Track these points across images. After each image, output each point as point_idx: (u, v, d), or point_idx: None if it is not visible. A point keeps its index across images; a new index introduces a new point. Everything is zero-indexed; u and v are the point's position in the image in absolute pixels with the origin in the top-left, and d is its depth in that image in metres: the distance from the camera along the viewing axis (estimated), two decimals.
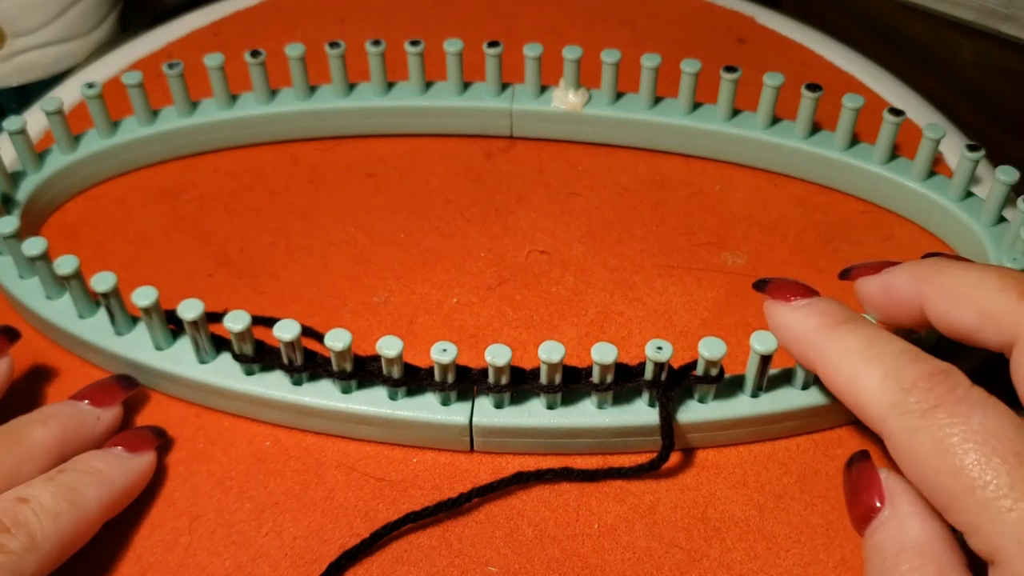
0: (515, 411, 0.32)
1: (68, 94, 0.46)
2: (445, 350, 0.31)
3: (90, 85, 0.41)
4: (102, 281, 0.32)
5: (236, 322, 0.31)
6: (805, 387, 0.32)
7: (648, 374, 0.31)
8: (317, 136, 0.45)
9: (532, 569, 0.30)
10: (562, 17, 0.53)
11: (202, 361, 0.33)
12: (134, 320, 0.34)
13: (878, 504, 0.26)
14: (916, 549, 0.25)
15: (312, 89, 0.44)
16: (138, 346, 0.34)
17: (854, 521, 0.27)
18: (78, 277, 0.33)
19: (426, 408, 0.32)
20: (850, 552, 0.31)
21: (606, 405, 0.32)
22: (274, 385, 0.33)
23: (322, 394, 0.32)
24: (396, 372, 0.32)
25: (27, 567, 0.26)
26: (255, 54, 0.42)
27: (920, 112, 0.46)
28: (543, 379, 0.31)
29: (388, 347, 0.31)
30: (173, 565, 0.30)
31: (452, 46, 0.43)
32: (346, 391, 0.32)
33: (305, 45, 0.43)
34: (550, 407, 0.32)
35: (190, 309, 0.31)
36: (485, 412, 0.32)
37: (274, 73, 0.44)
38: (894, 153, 0.41)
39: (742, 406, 0.32)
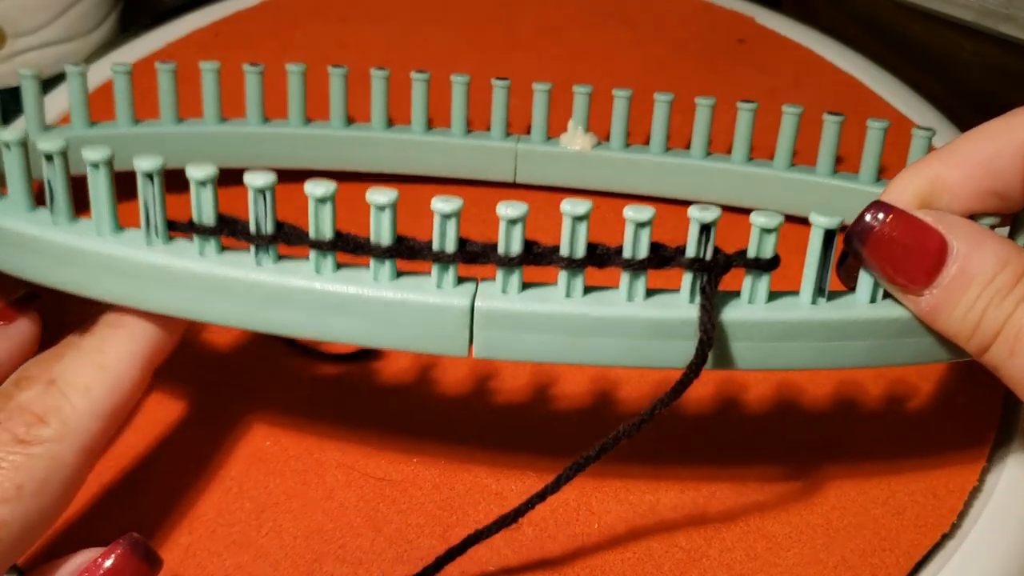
0: (527, 296, 0.26)
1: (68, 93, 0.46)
2: (448, 200, 0.25)
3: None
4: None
5: (200, 171, 0.25)
6: (873, 299, 0.26)
7: (691, 247, 0.25)
8: (304, 166, 0.42)
9: (532, 569, 0.30)
10: (562, 17, 0.53)
11: (149, 243, 0.27)
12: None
13: (944, 240, 0.24)
14: (1015, 253, 0.23)
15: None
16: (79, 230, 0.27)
17: (918, 278, 0.25)
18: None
19: (418, 289, 0.26)
20: (850, 552, 0.31)
21: (637, 294, 0.26)
22: (234, 263, 0.26)
23: (292, 273, 0.26)
24: (386, 237, 0.26)
25: (67, 453, 0.25)
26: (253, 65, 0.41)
27: (920, 112, 0.46)
28: (565, 241, 0.25)
29: (379, 196, 0.25)
30: (173, 565, 0.30)
31: (460, 79, 0.41)
32: (320, 269, 0.26)
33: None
34: (569, 295, 0.26)
35: (146, 160, 0.26)
36: (491, 295, 0.26)
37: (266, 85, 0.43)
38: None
39: (799, 310, 0.26)
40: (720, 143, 0.43)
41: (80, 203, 0.27)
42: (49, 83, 0.51)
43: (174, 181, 0.28)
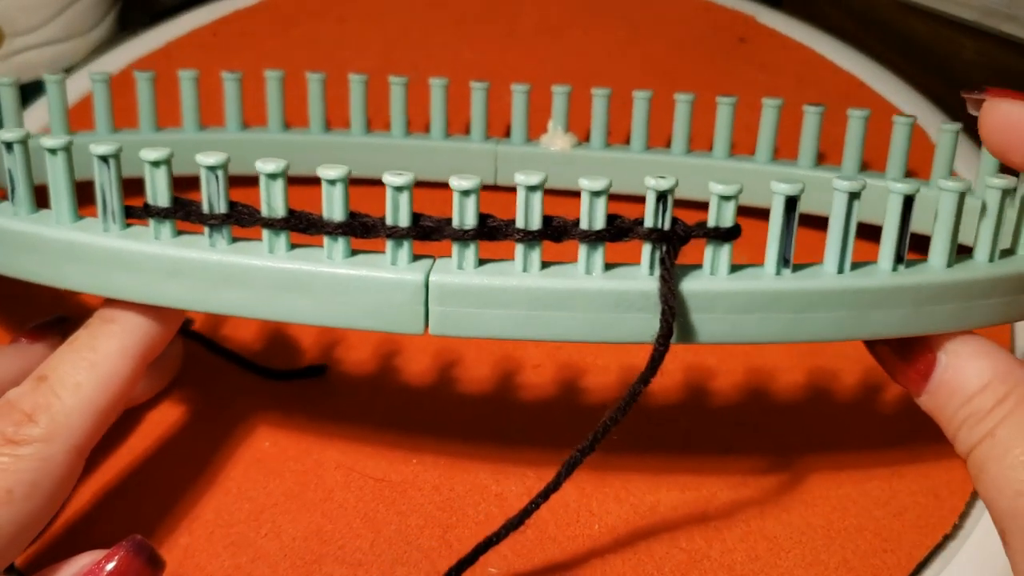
0: (483, 271, 0.26)
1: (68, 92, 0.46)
2: (399, 174, 0.25)
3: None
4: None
5: (153, 152, 0.25)
6: (841, 269, 0.26)
7: (648, 217, 0.25)
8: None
9: (532, 570, 0.30)
10: (562, 16, 0.53)
11: (105, 229, 0.26)
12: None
13: (936, 354, 0.25)
14: (999, 378, 0.24)
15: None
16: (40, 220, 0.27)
17: (912, 383, 0.26)
18: None
19: (372, 265, 0.25)
20: (851, 552, 0.31)
21: (595, 267, 0.25)
22: (188, 245, 0.26)
23: (245, 252, 0.26)
24: (338, 212, 0.25)
25: (56, 453, 0.25)
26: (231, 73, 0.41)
27: (921, 112, 0.46)
28: (520, 213, 0.25)
29: (330, 170, 0.25)
30: (172, 566, 0.30)
31: (438, 81, 0.41)
32: (273, 248, 0.26)
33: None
34: (526, 269, 0.25)
35: (102, 145, 0.26)
36: (446, 270, 0.25)
37: (245, 90, 0.43)
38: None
39: (762, 280, 0.25)
40: (702, 139, 0.43)
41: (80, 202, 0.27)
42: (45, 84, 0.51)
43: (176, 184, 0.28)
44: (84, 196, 0.27)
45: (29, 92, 0.52)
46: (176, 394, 0.35)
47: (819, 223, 0.30)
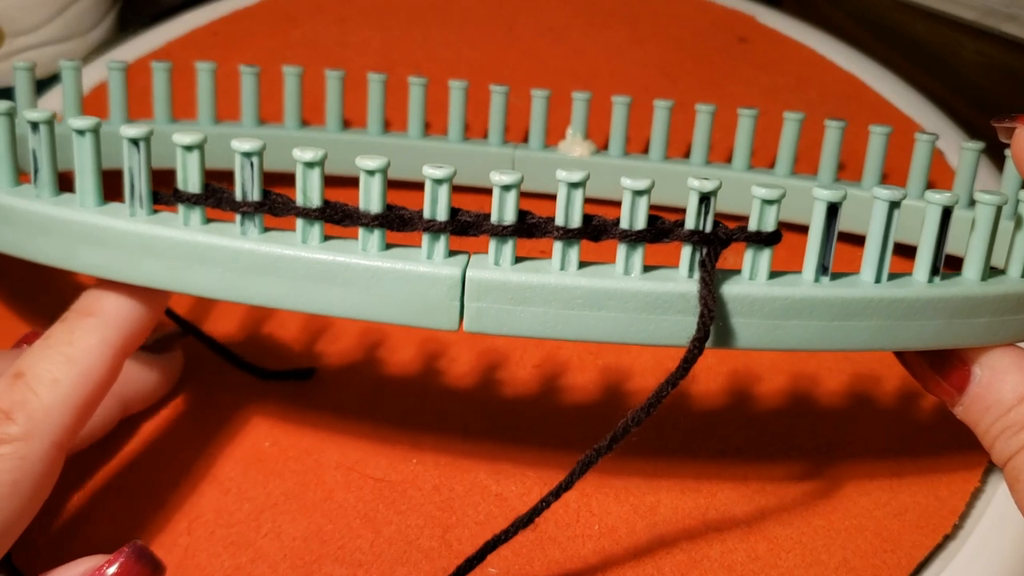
0: (520, 268, 0.25)
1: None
2: (440, 167, 0.24)
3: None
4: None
5: (187, 136, 0.25)
6: (878, 279, 0.26)
7: (690, 219, 0.24)
8: (293, 169, 0.42)
9: (532, 570, 0.30)
10: (562, 17, 0.53)
11: (132, 214, 0.26)
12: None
13: (971, 368, 0.26)
14: None
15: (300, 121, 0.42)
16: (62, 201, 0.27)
17: (946, 395, 0.26)
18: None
19: (407, 259, 0.25)
20: (852, 553, 0.31)
21: (634, 267, 0.25)
22: (219, 232, 0.25)
23: (278, 242, 0.25)
24: (375, 204, 0.25)
25: (35, 450, 0.25)
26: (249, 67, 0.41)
27: (922, 112, 0.46)
28: (560, 210, 0.24)
29: (370, 160, 0.24)
30: (172, 566, 0.30)
31: (458, 84, 0.41)
32: (306, 239, 0.25)
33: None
34: (563, 267, 0.25)
35: (133, 128, 0.25)
36: (483, 266, 0.25)
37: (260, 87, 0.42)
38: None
39: (800, 287, 0.25)
40: (721, 148, 0.43)
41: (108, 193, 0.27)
42: (45, 83, 0.51)
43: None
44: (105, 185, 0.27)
45: None
46: (176, 395, 0.35)
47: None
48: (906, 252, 0.28)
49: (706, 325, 0.24)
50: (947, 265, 0.26)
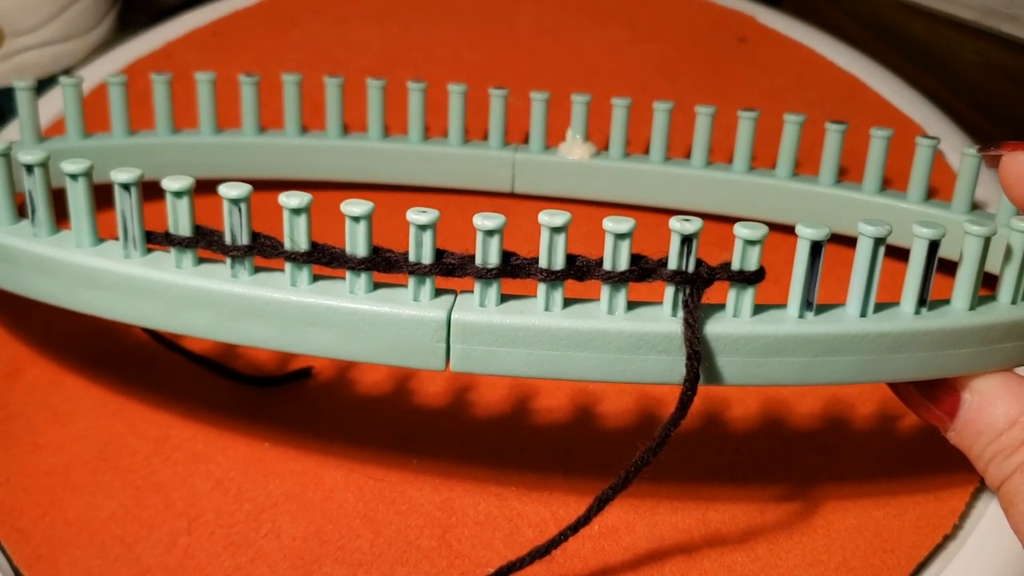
0: (505, 308, 0.26)
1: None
2: (423, 212, 0.25)
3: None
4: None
5: (176, 183, 0.25)
6: (863, 313, 0.26)
7: (672, 259, 0.25)
8: (302, 177, 0.42)
9: (532, 570, 0.30)
10: (562, 17, 0.53)
11: (127, 255, 0.27)
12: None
13: (960, 393, 0.26)
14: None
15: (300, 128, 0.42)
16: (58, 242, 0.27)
17: (937, 421, 0.26)
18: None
19: (394, 301, 0.26)
20: (852, 553, 0.31)
21: (618, 307, 0.25)
22: (209, 275, 0.26)
23: (267, 284, 0.26)
24: (361, 248, 0.25)
25: None
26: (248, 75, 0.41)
27: (922, 112, 0.46)
28: (543, 253, 0.25)
29: (354, 206, 0.25)
30: (172, 566, 0.30)
31: (457, 88, 0.41)
32: (295, 281, 0.26)
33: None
34: (548, 308, 0.26)
35: (123, 172, 0.25)
36: (468, 308, 0.25)
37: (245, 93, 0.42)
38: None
39: (784, 324, 0.25)
40: (721, 149, 0.43)
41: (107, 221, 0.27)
42: (47, 83, 0.51)
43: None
44: (102, 199, 0.27)
45: None
46: (175, 394, 0.35)
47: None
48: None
49: (695, 366, 0.25)
50: (950, 268, 0.26)
